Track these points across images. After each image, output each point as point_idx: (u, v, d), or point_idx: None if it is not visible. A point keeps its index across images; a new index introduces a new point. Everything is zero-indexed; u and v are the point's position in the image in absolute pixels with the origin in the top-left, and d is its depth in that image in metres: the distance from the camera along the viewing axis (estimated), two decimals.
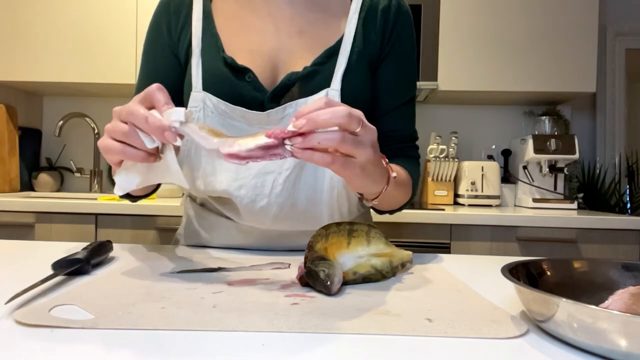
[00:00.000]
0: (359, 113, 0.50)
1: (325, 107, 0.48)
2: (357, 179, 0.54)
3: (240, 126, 0.75)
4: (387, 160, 0.62)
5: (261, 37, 0.78)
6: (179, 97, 0.80)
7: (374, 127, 0.53)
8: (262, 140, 0.48)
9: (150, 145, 0.51)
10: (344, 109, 0.48)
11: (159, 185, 0.78)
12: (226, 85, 0.75)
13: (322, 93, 0.74)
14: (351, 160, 0.51)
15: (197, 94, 0.75)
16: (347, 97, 0.74)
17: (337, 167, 0.50)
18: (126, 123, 0.52)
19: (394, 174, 0.64)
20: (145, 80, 0.84)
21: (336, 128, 0.48)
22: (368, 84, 0.79)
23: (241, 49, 0.77)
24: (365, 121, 0.51)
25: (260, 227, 0.77)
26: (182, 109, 0.51)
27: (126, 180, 0.57)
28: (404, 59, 0.82)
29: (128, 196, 0.75)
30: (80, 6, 2.07)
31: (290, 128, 0.47)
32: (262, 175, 0.74)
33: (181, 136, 0.51)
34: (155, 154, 0.53)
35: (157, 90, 0.52)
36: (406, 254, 0.64)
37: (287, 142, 0.48)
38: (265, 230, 0.78)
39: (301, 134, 0.48)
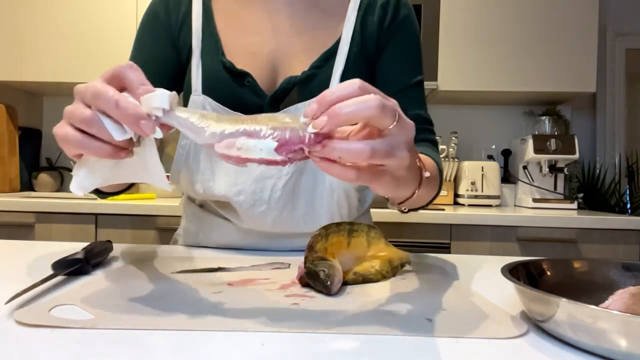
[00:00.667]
0: (393, 103, 0.40)
1: (357, 94, 0.39)
2: (384, 187, 0.44)
3: None
4: (419, 156, 0.53)
5: (260, 38, 0.78)
6: (172, 89, 0.79)
7: (412, 122, 0.42)
8: (269, 154, 0.39)
9: (119, 137, 0.41)
10: (376, 99, 0.38)
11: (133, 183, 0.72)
12: (225, 89, 0.75)
13: None
14: (381, 170, 0.42)
15: (197, 97, 0.75)
16: None
17: (362, 182, 0.41)
18: (90, 107, 0.41)
19: (426, 174, 0.54)
20: (137, 64, 0.80)
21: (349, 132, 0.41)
22: None
23: (241, 51, 0.77)
24: (402, 114, 0.41)
25: (259, 229, 0.77)
26: (165, 93, 0.40)
27: (87, 177, 0.45)
28: (405, 46, 0.80)
29: (97, 192, 0.69)
30: (81, 6, 2.07)
31: (311, 130, 0.38)
32: (262, 180, 0.74)
33: (166, 127, 0.41)
34: (127, 149, 0.42)
35: (128, 69, 0.42)
36: (404, 254, 0.64)
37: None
38: (264, 232, 0.78)
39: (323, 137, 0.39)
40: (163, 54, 0.79)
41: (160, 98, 0.40)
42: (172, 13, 0.80)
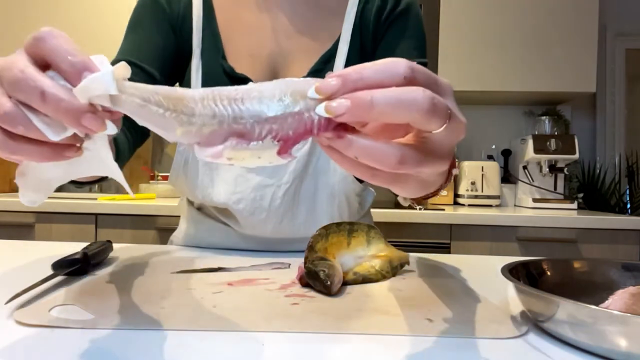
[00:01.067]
0: (445, 92, 0.30)
1: (400, 84, 0.27)
2: (407, 191, 0.35)
3: None
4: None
5: (260, 39, 0.77)
6: (170, 77, 0.77)
7: (464, 121, 0.31)
8: (271, 159, 0.29)
9: (55, 136, 0.30)
10: (425, 97, 0.27)
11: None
12: None
13: None
14: (408, 176, 0.31)
15: None
16: None
17: (379, 184, 0.31)
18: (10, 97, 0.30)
19: (455, 171, 0.44)
20: (133, 43, 0.74)
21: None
22: None
23: (241, 52, 0.76)
24: (455, 111, 0.30)
25: (259, 235, 0.77)
26: (108, 71, 0.28)
27: (35, 185, 0.36)
28: (406, 29, 0.77)
29: (71, 182, 0.63)
30: (81, 6, 2.07)
31: (321, 112, 0.27)
32: (261, 189, 0.73)
33: (116, 114, 0.30)
34: (73, 145, 0.32)
35: (48, 36, 0.30)
36: (404, 254, 0.64)
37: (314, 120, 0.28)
38: (264, 237, 0.78)
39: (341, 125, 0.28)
40: (162, 37, 0.75)
41: (103, 81, 0.28)
42: (172, 2, 0.77)
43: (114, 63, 0.71)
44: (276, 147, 0.29)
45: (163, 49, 0.75)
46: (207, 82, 0.75)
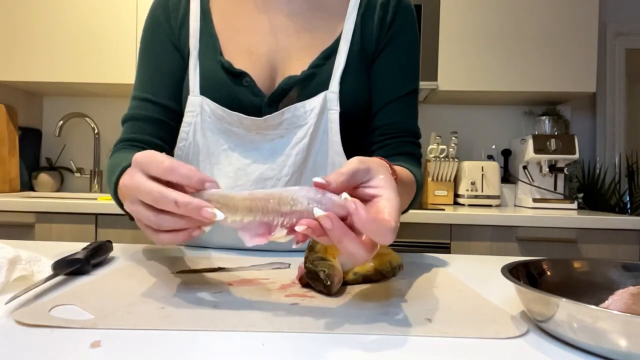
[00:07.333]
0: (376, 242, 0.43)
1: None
2: None
3: (237, 132, 0.75)
4: (390, 164, 0.55)
5: (259, 37, 0.78)
6: (182, 92, 0.79)
7: (392, 223, 0.43)
8: (282, 238, 0.44)
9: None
10: (363, 258, 0.41)
11: None
12: (223, 90, 0.75)
13: (321, 96, 0.74)
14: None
15: (195, 98, 0.75)
16: (346, 98, 0.74)
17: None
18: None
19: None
20: (146, 75, 0.80)
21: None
22: (367, 85, 0.79)
23: (239, 50, 0.77)
24: (376, 247, 0.43)
25: None
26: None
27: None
28: (403, 52, 0.80)
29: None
30: (81, 6, 2.07)
31: (318, 213, 0.42)
32: (261, 182, 0.74)
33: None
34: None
35: (177, 167, 0.43)
36: (398, 257, 0.63)
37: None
38: None
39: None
40: (168, 61, 0.79)
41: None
42: (171, 16, 0.80)
43: (133, 99, 0.79)
44: (286, 231, 0.43)
45: (172, 74, 0.79)
46: (205, 80, 0.76)
